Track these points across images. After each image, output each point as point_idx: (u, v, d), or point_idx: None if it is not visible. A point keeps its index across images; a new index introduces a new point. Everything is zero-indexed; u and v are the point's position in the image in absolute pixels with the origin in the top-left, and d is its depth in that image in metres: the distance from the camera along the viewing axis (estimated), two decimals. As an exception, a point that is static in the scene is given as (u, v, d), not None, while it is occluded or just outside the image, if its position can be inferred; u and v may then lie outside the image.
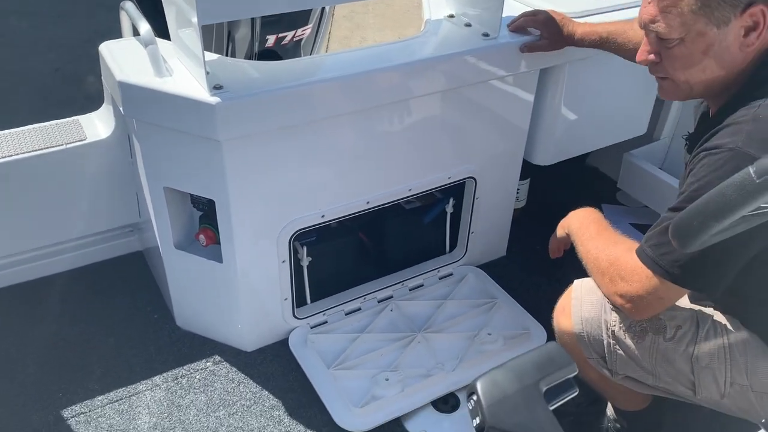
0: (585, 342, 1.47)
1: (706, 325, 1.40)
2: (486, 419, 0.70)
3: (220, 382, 1.94)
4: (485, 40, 1.92)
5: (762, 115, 1.18)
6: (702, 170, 1.21)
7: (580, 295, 1.48)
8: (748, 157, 1.14)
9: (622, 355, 1.43)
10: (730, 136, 1.19)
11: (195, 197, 1.90)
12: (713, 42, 1.24)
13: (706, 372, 1.38)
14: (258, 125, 1.67)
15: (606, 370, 1.47)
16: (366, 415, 1.82)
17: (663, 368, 1.41)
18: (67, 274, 2.27)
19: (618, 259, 1.36)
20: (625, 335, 1.41)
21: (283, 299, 2.00)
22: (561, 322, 1.52)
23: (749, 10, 1.20)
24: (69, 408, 1.84)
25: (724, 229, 0.93)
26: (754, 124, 1.18)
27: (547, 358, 0.75)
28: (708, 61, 1.27)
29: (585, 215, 1.55)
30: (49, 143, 2.01)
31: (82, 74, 3.76)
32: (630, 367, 1.44)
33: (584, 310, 1.46)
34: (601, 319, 1.44)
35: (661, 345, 1.40)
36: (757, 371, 1.35)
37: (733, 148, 1.17)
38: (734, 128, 1.20)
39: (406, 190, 2.05)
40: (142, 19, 1.76)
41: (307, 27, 2.46)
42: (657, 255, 1.27)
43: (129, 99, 1.69)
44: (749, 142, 1.16)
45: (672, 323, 1.40)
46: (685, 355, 1.39)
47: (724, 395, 1.38)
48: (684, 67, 1.30)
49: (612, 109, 2.30)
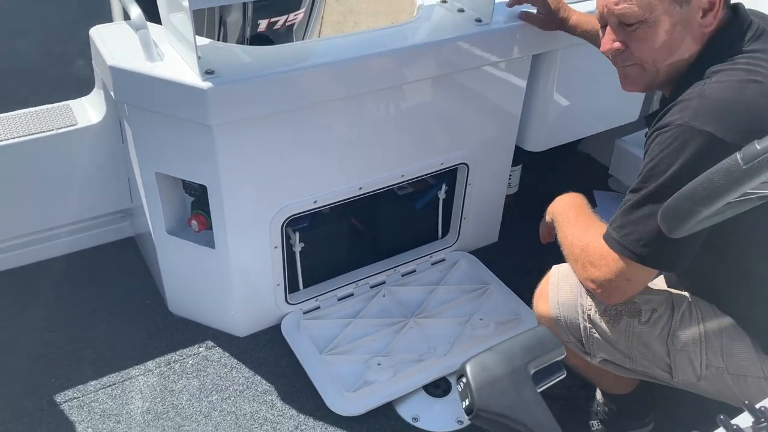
0: (562, 326, 1.49)
1: (681, 308, 1.42)
2: (475, 401, 0.71)
3: (212, 367, 1.95)
4: (478, 25, 1.91)
5: (707, 91, 1.22)
6: (655, 149, 1.25)
7: (557, 280, 1.51)
8: (695, 130, 1.18)
9: (599, 338, 1.45)
10: (678, 112, 1.22)
11: (187, 183, 1.89)
12: (677, 21, 1.27)
13: (681, 355, 1.40)
14: (250, 110, 1.66)
15: (584, 354, 1.49)
16: (358, 399, 1.83)
17: (639, 351, 1.43)
18: (59, 260, 2.26)
19: (588, 244, 1.39)
20: (601, 319, 1.43)
21: (275, 285, 2.01)
22: (539, 306, 1.54)
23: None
24: (62, 393, 1.85)
25: (712, 215, 0.94)
26: (699, 99, 1.21)
27: (536, 341, 0.76)
28: (673, 41, 1.29)
29: (567, 201, 1.57)
30: (39, 128, 2.00)
31: (71, 57, 3.72)
32: (607, 351, 1.46)
33: (561, 294, 1.49)
34: (577, 304, 1.46)
35: (637, 328, 1.42)
36: (733, 354, 1.38)
37: (681, 124, 1.20)
38: (682, 105, 1.23)
39: (398, 176, 2.05)
40: (133, 3, 1.74)
41: (299, 12, 2.45)
42: (620, 236, 1.30)
43: (120, 84, 1.68)
44: (695, 117, 1.19)
45: (647, 307, 1.43)
46: (661, 338, 1.41)
47: (701, 378, 1.40)
48: (651, 49, 1.31)
49: (604, 95, 2.29)
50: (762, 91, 1.20)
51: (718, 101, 1.20)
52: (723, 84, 1.22)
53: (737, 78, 1.22)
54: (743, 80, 1.21)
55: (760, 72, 1.22)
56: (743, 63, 1.24)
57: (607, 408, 1.79)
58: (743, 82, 1.21)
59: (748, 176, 0.84)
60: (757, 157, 0.82)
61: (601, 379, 1.68)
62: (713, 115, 1.18)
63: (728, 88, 1.21)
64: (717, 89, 1.21)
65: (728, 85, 1.21)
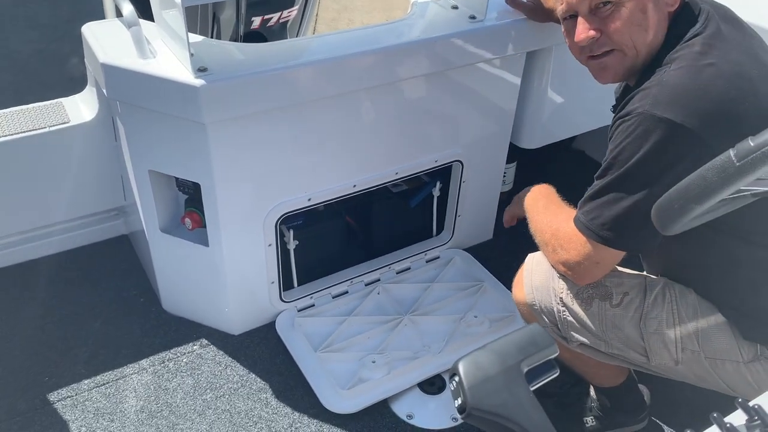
0: (537, 310, 1.52)
1: (653, 292, 1.43)
2: (468, 400, 0.71)
3: (207, 365, 1.95)
4: (472, 22, 1.91)
5: (666, 79, 1.25)
6: (618, 137, 1.28)
7: (531, 267, 1.55)
8: (654, 117, 1.21)
9: (572, 321, 1.47)
10: (639, 101, 1.26)
11: (180, 180, 1.88)
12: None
13: (655, 338, 1.41)
14: (243, 108, 1.65)
15: (561, 338, 1.52)
16: (353, 397, 1.83)
17: (613, 334, 1.44)
18: (52, 258, 2.25)
19: (558, 229, 1.43)
20: (573, 301, 1.46)
21: (269, 283, 2.00)
22: (516, 293, 1.58)
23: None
24: (55, 392, 1.84)
25: (706, 212, 0.94)
26: (659, 87, 1.24)
27: (529, 339, 0.76)
28: (648, 20, 1.31)
29: (537, 192, 1.62)
30: (32, 126, 1.99)
31: (64, 55, 3.70)
32: (581, 333, 1.47)
33: (534, 279, 1.52)
34: (550, 287, 1.49)
35: (609, 311, 1.44)
36: (709, 337, 1.38)
37: (642, 112, 1.23)
38: (643, 93, 1.26)
39: (392, 174, 2.05)
40: (125, 0, 1.73)
41: (293, 9, 2.44)
42: (588, 220, 1.34)
43: (112, 81, 1.68)
44: (655, 104, 1.22)
45: (618, 290, 1.44)
46: (633, 321, 1.43)
47: (678, 361, 1.40)
48: (628, 29, 1.30)
49: (598, 92, 2.27)
50: (717, 73, 1.23)
51: (676, 87, 1.23)
52: (680, 70, 1.25)
53: (693, 63, 1.25)
54: (699, 65, 1.24)
55: (715, 54, 1.25)
56: (698, 47, 1.27)
57: (600, 404, 1.80)
58: (699, 67, 1.24)
59: (741, 173, 0.84)
60: (750, 153, 0.82)
61: (585, 368, 1.69)
62: (672, 102, 1.21)
63: (685, 73, 1.24)
64: (674, 76, 1.24)
65: (685, 71, 1.24)
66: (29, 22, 4.29)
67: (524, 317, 1.62)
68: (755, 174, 0.82)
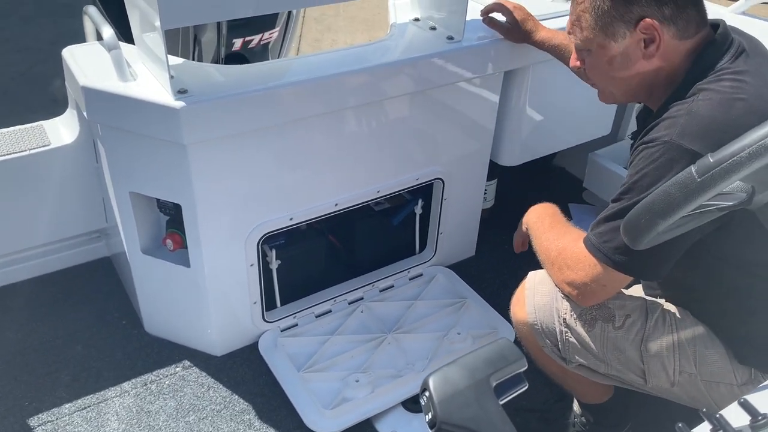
0: (538, 330, 1.51)
1: (655, 314, 1.45)
2: (438, 414, 0.72)
3: (189, 387, 1.94)
4: (449, 43, 1.94)
5: (695, 109, 1.23)
6: (640, 162, 1.26)
7: (533, 285, 1.53)
8: (681, 148, 1.20)
9: (574, 342, 1.47)
10: (666, 129, 1.24)
11: (162, 202, 1.89)
12: (615, 54, 1.33)
13: (655, 360, 1.42)
14: (223, 129, 1.67)
15: (560, 358, 1.51)
16: (336, 416, 1.82)
17: (614, 356, 1.45)
18: (33, 281, 2.24)
19: (566, 248, 1.42)
20: (576, 323, 1.46)
21: (252, 303, 2.00)
22: (516, 312, 1.57)
23: (641, 24, 1.28)
24: (36, 416, 1.82)
25: (673, 227, 0.96)
26: (687, 117, 1.22)
27: (498, 353, 0.77)
28: (613, 71, 1.36)
29: (541, 210, 1.60)
30: (11, 149, 1.98)
31: (47, 77, 3.71)
32: (582, 355, 1.48)
33: (537, 299, 1.51)
34: (553, 308, 1.48)
35: (611, 333, 1.44)
36: (706, 360, 1.40)
37: (668, 141, 1.22)
38: (670, 122, 1.25)
39: (374, 192, 2.06)
40: (105, 24, 1.75)
41: (275, 30, 2.47)
42: (600, 242, 1.33)
43: (93, 104, 1.68)
44: (683, 135, 1.21)
45: (621, 312, 1.45)
46: (634, 343, 1.43)
47: (674, 384, 1.42)
48: (598, 75, 1.41)
49: (576, 110, 2.33)
50: (749, 108, 1.21)
51: (705, 119, 1.21)
52: (710, 102, 1.23)
53: (724, 96, 1.23)
54: (730, 99, 1.22)
55: (747, 89, 1.23)
56: (728, 81, 1.25)
57: (584, 419, 1.80)
58: (731, 101, 1.22)
59: (702, 189, 0.86)
60: (710, 170, 0.84)
61: (576, 385, 1.70)
62: (700, 134, 1.20)
63: (716, 106, 1.22)
64: (704, 107, 1.22)
65: (715, 103, 1.22)
66: (11, 46, 4.30)
67: (522, 336, 1.60)
68: (715, 189, 0.84)
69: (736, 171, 0.83)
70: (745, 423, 0.71)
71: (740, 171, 0.83)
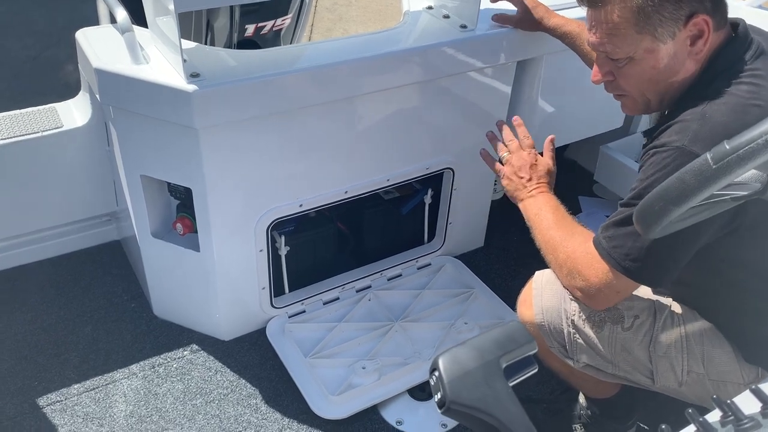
0: (546, 331, 1.49)
1: (663, 315, 1.44)
2: (447, 394, 0.72)
3: (197, 370, 1.95)
4: (463, 31, 1.93)
5: (708, 114, 1.19)
6: (650, 168, 1.24)
7: (540, 286, 1.50)
8: (693, 155, 1.14)
9: (582, 344, 1.46)
10: (677, 134, 1.21)
11: (172, 186, 1.89)
12: (663, 56, 1.26)
13: (663, 361, 1.41)
14: (235, 114, 1.67)
15: (567, 358, 1.50)
16: (342, 403, 1.83)
17: (622, 357, 1.44)
18: (44, 263, 2.26)
19: (575, 252, 1.38)
20: (585, 324, 1.44)
21: (260, 288, 2.01)
22: (523, 312, 1.54)
23: (692, 20, 1.22)
24: (45, 396, 1.84)
25: (686, 216, 0.95)
26: (700, 122, 1.19)
27: (508, 336, 0.77)
28: (660, 75, 1.28)
29: (542, 201, 1.53)
30: (24, 130, 1.99)
31: (60, 61, 3.72)
32: (590, 356, 1.47)
33: (545, 300, 1.48)
34: (561, 309, 1.46)
35: (620, 334, 1.43)
36: (713, 360, 1.40)
37: (680, 147, 1.19)
38: (681, 126, 1.21)
39: (384, 180, 2.06)
40: (119, 6, 1.75)
41: (287, 17, 2.46)
42: (610, 247, 1.30)
43: (105, 86, 1.69)
44: (695, 141, 1.18)
45: (630, 313, 1.44)
46: (643, 344, 1.42)
47: (682, 383, 1.41)
48: (638, 84, 1.32)
49: (589, 102, 2.32)
50: (763, 115, 1.14)
51: (718, 126, 1.17)
52: (725, 106, 1.19)
53: (739, 101, 1.19)
54: (745, 104, 1.18)
55: (762, 95, 1.20)
56: (745, 84, 1.21)
57: (590, 412, 1.80)
58: (745, 107, 1.18)
59: (717, 176, 0.85)
60: (726, 156, 0.83)
61: (583, 383, 1.69)
62: (713, 141, 1.13)
63: (730, 112, 1.18)
64: (718, 112, 1.19)
65: (730, 109, 1.19)
66: (25, 29, 4.31)
67: None
68: (731, 176, 0.83)
69: (753, 158, 0.82)
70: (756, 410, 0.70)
71: (757, 158, 0.82)
